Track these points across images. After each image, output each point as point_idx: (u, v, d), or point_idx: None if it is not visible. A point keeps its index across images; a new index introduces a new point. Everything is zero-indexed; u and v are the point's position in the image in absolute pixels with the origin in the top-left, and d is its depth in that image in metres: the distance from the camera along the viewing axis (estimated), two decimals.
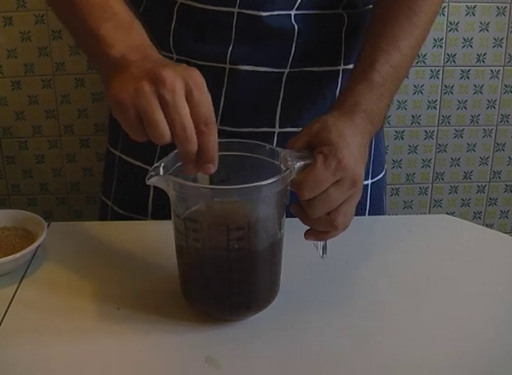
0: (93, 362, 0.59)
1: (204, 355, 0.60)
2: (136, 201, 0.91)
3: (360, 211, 0.89)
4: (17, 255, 0.69)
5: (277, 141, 0.86)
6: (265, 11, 0.79)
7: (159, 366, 0.59)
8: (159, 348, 0.61)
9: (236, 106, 0.84)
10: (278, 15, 0.80)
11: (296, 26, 0.81)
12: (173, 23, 0.83)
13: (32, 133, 1.37)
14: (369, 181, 0.93)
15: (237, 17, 0.79)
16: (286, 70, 0.83)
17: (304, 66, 0.84)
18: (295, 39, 0.81)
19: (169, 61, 0.62)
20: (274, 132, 0.86)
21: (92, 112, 1.36)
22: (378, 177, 0.95)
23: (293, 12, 0.80)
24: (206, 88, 0.57)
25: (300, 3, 0.80)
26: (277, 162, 0.64)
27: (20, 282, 0.71)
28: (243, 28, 0.80)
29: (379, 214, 0.96)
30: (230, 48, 0.81)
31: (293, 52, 0.82)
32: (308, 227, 0.66)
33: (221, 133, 0.84)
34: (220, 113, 0.84)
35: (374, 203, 0.94)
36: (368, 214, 0.93)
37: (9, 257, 0.69)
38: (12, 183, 1.42)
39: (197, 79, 0.57)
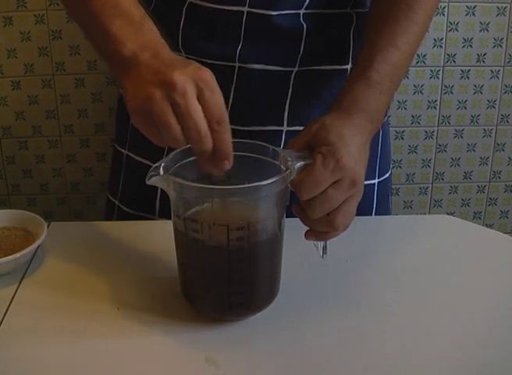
0: (93, 362, 0.59)
1: (204, 354, 0.60)
2: (143, 199, 0.91)
3: (366, 211, 0.89)
4: (17, 255, 0.69)
5: (285, 139, 0.86)
6: (275, 10, 0.79)
7: (159, 365, 0.59)
8: (159, 348, 0.61)
9: (244, 105, 0.85)
10: (287, 14, 0.80)
11: (304, 26, 0.81)
12: (182, 22, 0.83)
13: (32, 133, 1.37)
14: (376, 180, 0.93)
15: (247, 16, 0.80)
16: (295, 69, 0.83)
17: (313, 65, 0.84)
18: (304, 38, 0.82)
19: (180, 58, 0.62)
20: (282, 130, 0.86)
21: (92, 112, 1.36)
22: (384, 177, 0.95)
23: (302, 11, 0.81)
24: (217, 87, 0.58)
25: (308, 2, 0.80)
26: (277, 162, 0.64)
27: (20, 282, 0.71)
28: (252, 27, 0.80)
29: (385, 215, 0.96)
30: (239, 47, 0.82)
31: (301, 51, 0.82)
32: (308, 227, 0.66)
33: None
34: (229, 112, 0.84)
35: (380, 203, 0.93)
36: (375, 215, 0.93)
37: (9, 257, 0.69)
38: (12, 183, 1.42)
39: (208, 78, 0.57)
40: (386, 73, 0.71)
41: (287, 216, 0.65)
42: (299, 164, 0.62)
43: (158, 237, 0.79)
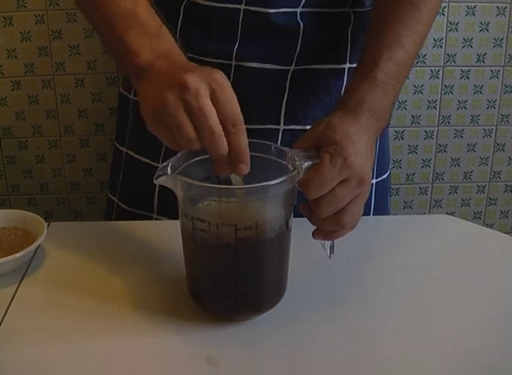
0: (93, 362, 0.59)
1: (205, 354, 0.60)
2: (142, 197, 0.91)
3: (364, 211, 0.90)
4: (17, 255, 0.69)
5: (282, 138, 0.86)
6: (271, 8, 0.80)
7: (159, 365, 0.59)
8: (160, 348, 0.61)
9: (241, 103, 0.84)
10: (284, 12, 0.80)
11: (301, 24, 0.81)
12: (180, 20, 0.84)
13: (32, 133, 1.37)
14: (373, 181, 0.93)
15: (243, 14, 0.80)
16: (292, 68, 0.83)
17: (310, 64, 0.84)
18: (300, 37, 0.82)
19: (194, 64, 0.62)
20: (279, 129, 0.86)
21: (92, 112, 1.36)
22: (382, 177, 0.95)
23: (298, 10, 0.81)
24: (230, 88, 0.58)
25: (306, 1, 0.80)
26: (284, 162, 0.64)
27: (20, 282, 0.71)
28: (249, 25, 0.81)
29: (384, 215, 0.96)
30: (236, 45, 0.82)
31: (298, 50, 0.82)
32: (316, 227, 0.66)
33: None
34: None
35: (378, 203, 0.94)
36: (373, 215, 0.93)
37: (9, 257, 0.69)
38: (12, 183, 1.42)
39: (221, 80, 0.57)
40: (392, 72, 0.71)
41: (294, 216, 0.65)
42: (306, 164, 0.62)
43: (158, 237, 0.79)
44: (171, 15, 0.84)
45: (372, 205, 0.93)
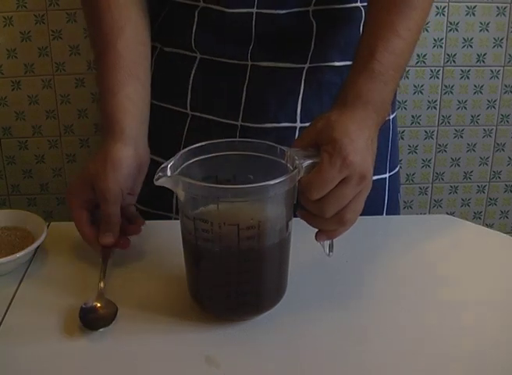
0: (93, 362, 0.59)
1: (205, 354, 0.60)
2: (159, 197, 0.90)
3: (377, 206, 0.89)
4: (17, 255, 0.69)
5: (299, 136, 0.86)
6: (283, 9, 0.80)
7: (159, 365, 0.59)
8: (159, 348, 0.61)
9: (257, 102, 0.85)
10: (296, 12, 0.81)
11: (314, 22, 0.81)
12: (195, 25, 0.84)
13: (32, 133, 1.37)
14: (387, 175, 0.93)
15: (256, 17, 0.81)
16: (306, 65, 0.84)
17: (324, 61, 0.85)
18: (314, 35, 0.82)
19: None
20: (296, 127, 0.86)
21: (92, 112, 1.36)
22: (394, 171, 0.95)
23: (310, 9, 0.81)
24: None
25: None
26: (283, 161, 0.63)
27: (20, 282, 0.71)
28: (262, 27, 0.81)
29: (395, 209, 0.96)
30: (251, 47, 0.82)
31: (312, 48, 0.83)
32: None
33: (243, 129, 0.86)
34: (242, 109, 0.85)
35: (391, 198, 0.93)
36: (386, 209, 0.93)
37: (9, 257, 0.69)
38: (12, 183, 1.42)
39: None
40: (389, 62, 0.69)
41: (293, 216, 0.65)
42: (306, 163, 0.62)
43: (158, 237, 0.79)
44: (186, 19, 0.85)
45: (386, 199, 0.92)
